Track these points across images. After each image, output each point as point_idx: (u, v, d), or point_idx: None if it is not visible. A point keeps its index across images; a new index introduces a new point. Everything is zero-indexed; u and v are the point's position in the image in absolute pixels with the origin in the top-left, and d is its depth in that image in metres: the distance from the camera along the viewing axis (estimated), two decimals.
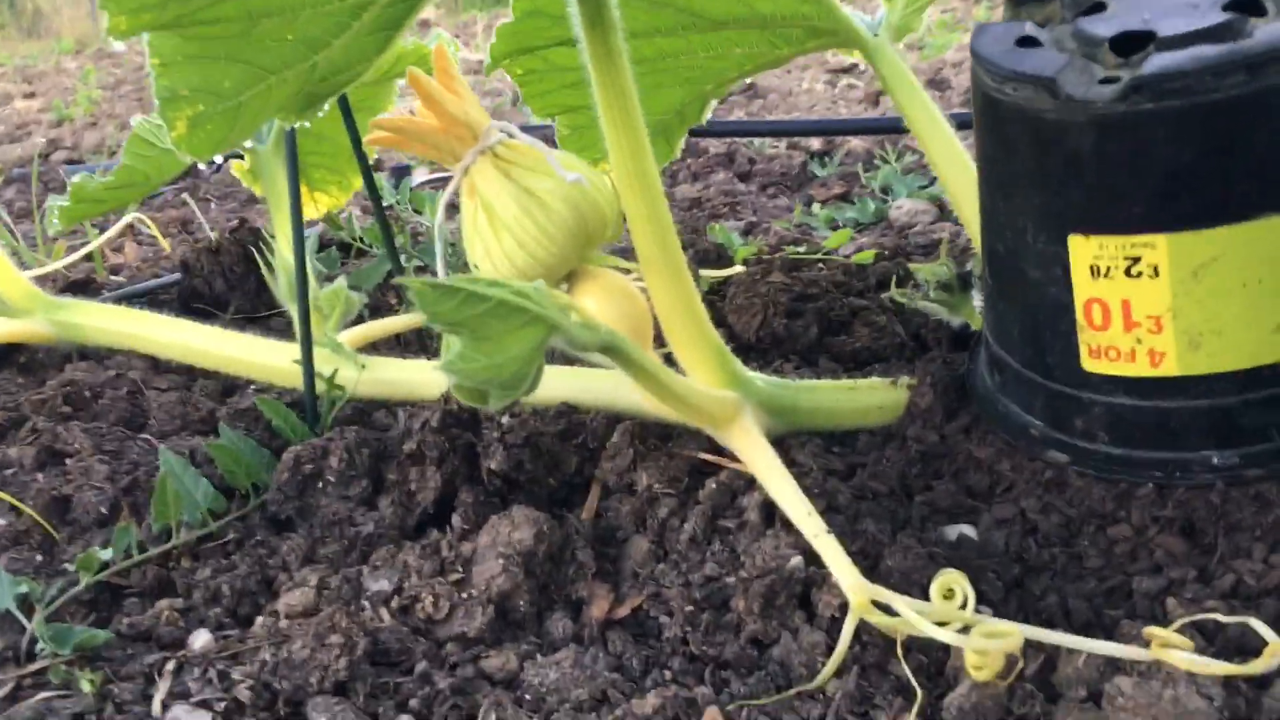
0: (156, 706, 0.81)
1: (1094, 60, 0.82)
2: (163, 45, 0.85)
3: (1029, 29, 0.88)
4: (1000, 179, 0.89)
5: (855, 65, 4.27)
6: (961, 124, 1.14)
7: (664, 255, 0.96)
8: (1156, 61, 0.77)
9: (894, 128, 2.56)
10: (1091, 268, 0.83)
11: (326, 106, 1.03)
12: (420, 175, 2.47)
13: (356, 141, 1.25)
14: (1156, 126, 0.77)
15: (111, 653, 0.87)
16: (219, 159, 1.69)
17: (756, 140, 2.78)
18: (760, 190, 2.39)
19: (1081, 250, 0.83)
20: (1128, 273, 0.82)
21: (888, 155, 2.41)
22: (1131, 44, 0.81)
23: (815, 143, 2.74)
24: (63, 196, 1.35)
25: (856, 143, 2.70)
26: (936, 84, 3.38)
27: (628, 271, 1.02)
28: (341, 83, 0.98)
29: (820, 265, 1.46)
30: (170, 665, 0.86)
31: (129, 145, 1.29)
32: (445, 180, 2.78)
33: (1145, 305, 0.82)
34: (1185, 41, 0.78)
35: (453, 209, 1.07)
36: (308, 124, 1.04)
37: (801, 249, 1.63)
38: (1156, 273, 0.81)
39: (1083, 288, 0.85)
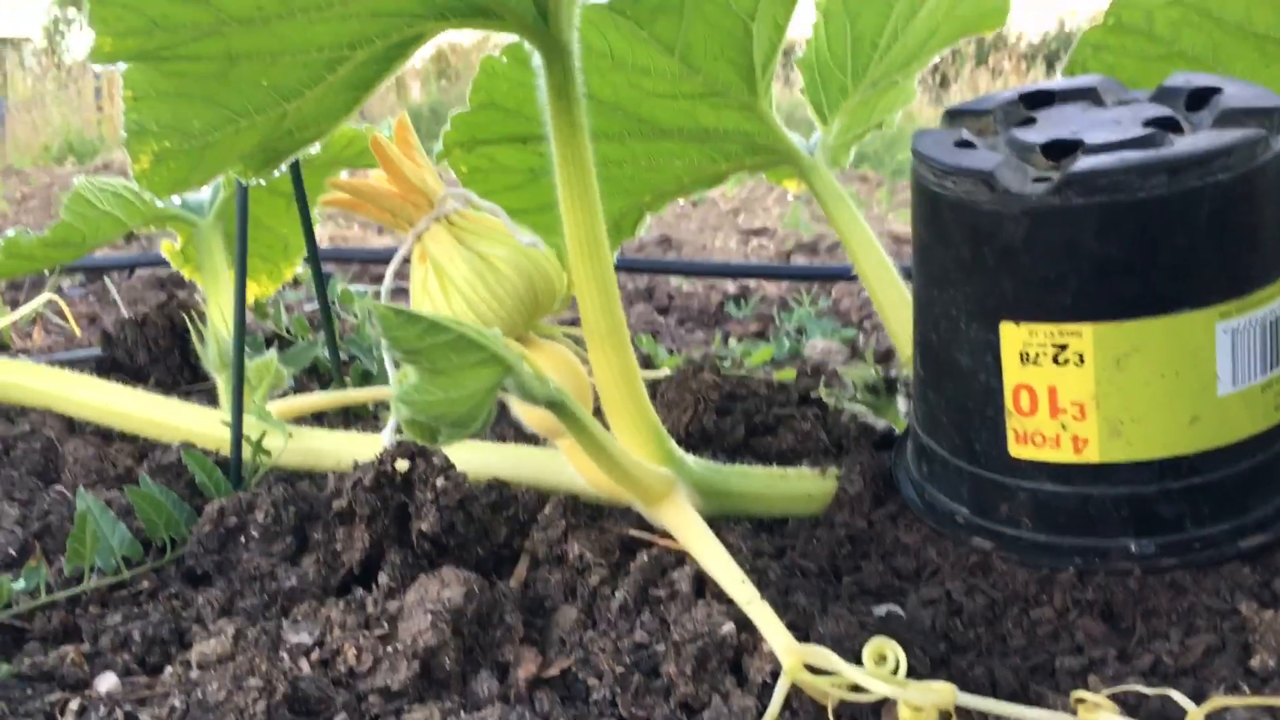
0: None
1: (1027, 162, 0.89)
2: (138, 78, 0.86)
3: (965, 135, 0.95)
4: (936, 270, 0.94)
5: (765, 228, 4.45)
6: None
7: (610, 327, 0.99)
8: (1086, 162, 0.83)
9: (806, 275, 2.68)
10: (1021, 354, 0.88)
11: (283, 166, 1.05)
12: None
13: (305, 213, 1.26)
14: (1085, 220, 0.83)
15: (9, 690, 0.83)
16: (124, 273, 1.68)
17: (674, 279, 2.86)
18: (679, 324, 2.45)
19: (1012, 337, 0.88)
20: (1055, 359, 0.86)
21: (801, 299, 2.50)
22: (1061, 151, 0.88)
23: (731, 287, 2.83)
24: None
25: (771, 289, 2.79)
26: None
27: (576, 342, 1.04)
28: (305, 139, 1.01)
29: (745, 376, 1.49)
30: (73, 704, 0.81)
31: (70, 204, 1.28)
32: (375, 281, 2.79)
33: (1070, 392, 0.87)
34: (1112, 148, 0.84)
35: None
36: (263, 182, 1.05)
37: (726, 362, 1.67)
38: (1082, 360, 0.86)
39: (1012, 374, 0.89)
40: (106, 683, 0.85)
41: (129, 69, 0.86)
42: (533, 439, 1.20)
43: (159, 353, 1.50)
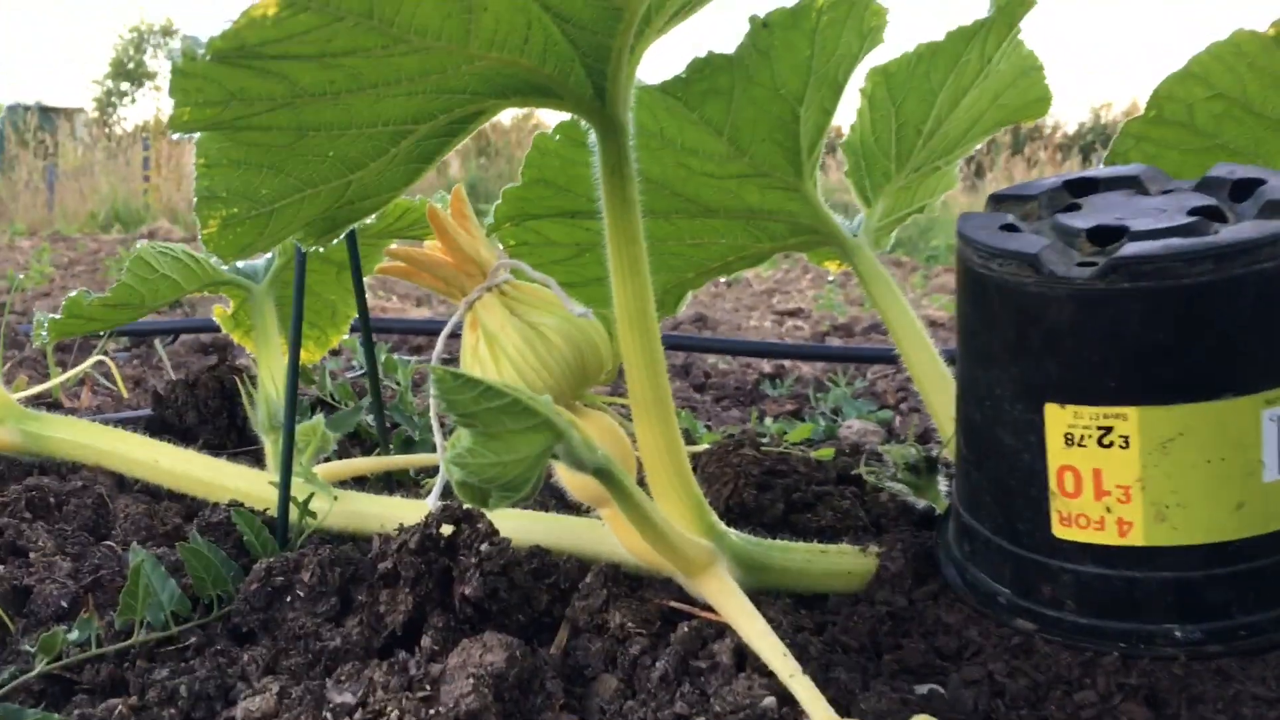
0: None
1: (1072, 247, 0.90)
2: (211, 147, 0.90)
3: (1010, 219, 0.97)
4: (981, 351, 0.95)
5: (800, 309, 4.48)
6: None
7: (656, 399, 1.00)
8: (1132, 248, 0.85)
9: (844, 356, 2.70)
10: (1066, 436, 0.89)
11: (341, 235, 1.08)
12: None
13: (359, 282, 1.29)
14: (1131, 305, 0.84)
15: None
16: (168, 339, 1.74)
17: (710, 357, 2.89)
18: (715, 401, 2.47)
19: (1057, 419, 0.89)
20: (1100, 442, 0.87)
21: (838, 380, 2.51)
22: (1106, 236, 0.90)
23: (766, 366, 2.85)
24: (53, 312, 1.36)
25: (806, 369, 2.81)
26: None
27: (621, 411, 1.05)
28: (365, 209, 1.04)
29: (784, 453, 1.50)
30: None
31: (131, 265, 1.32)
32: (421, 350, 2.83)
33: (1116, 475, 0.87)
34: (1157, 235, 0.86)
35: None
36: (320, 249, 1.08)
37: (765, 440, 1.67)
38: (1127, 443, 0.86)
39: (1056, 455, 0.90)
40: None
41: (203, 138, 0.89)
42: (574, 508, 1.22)
43: (208, 414, 1.53)
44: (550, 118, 1.24)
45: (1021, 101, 1.33)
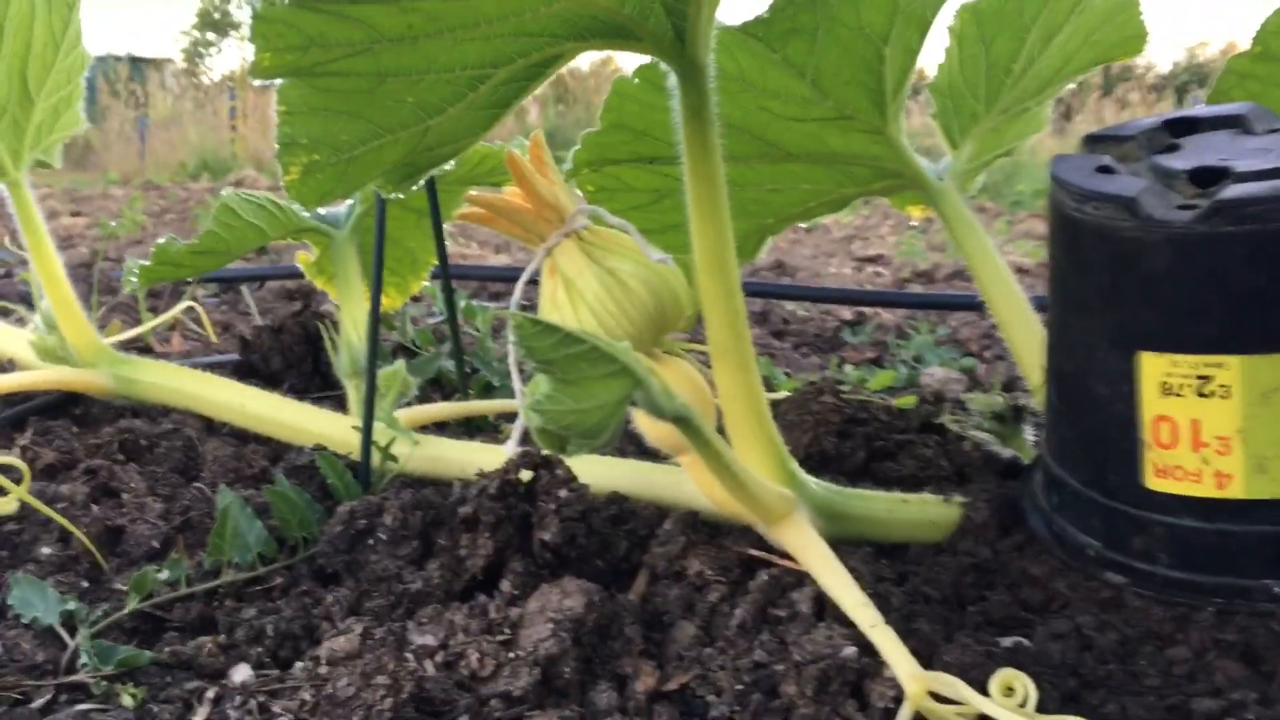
0: None
1: (1171, 189, 0.87)
2: (291, 94, 0.90)
3: (1106, 160, 0.93)
4: (1074, 298, 0.92)
5: (880, 256, 4.41)
6: None
7: (736, 346, 0.99)
8: (1235, 190, 0.81)
9: (926, 303, 2.65)
10: (1162, 385, 0.86)
11: (421, 182, 1.08)
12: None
13: (439, 229, 1.29)
14: (1234, 249, 0.81)
15: (151, 677, 0.86)
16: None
17: (789, 304, 2.85)
18: (794, 348, 2.44)
19: (1152, 368, 0.86)
20: (1199, 392, 0.84)
21: (919, 327, 2.47)
22: (1208, 178, 0.86)
23: (846, 313, 2.81)
24: (144, 259, 1.39)
25: (887, 316, 2.76)
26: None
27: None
28: (444, 155, 1.03)
29: (865, 400, 1.48)
30: (210, 693, 0.84)
31: (216, 213, 1.34)
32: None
33: (1215, 425, 0.84)
34: (1262, 176, 0.82)
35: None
36: (400, 196, 1.08)
37: (845, 387, 1.65)
38: (1228, 393, 0.83)
39: (1151, 405, 0.87)
40: (241, 674, 0.88)
41: (284, 85, 0.89)
42: (652, 455, 1.21)
43: (293, 359, 1.56)
44: (629, 62, 1.22)
45: (1116, 39, 1.27)
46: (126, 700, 0.81)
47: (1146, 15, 1.27)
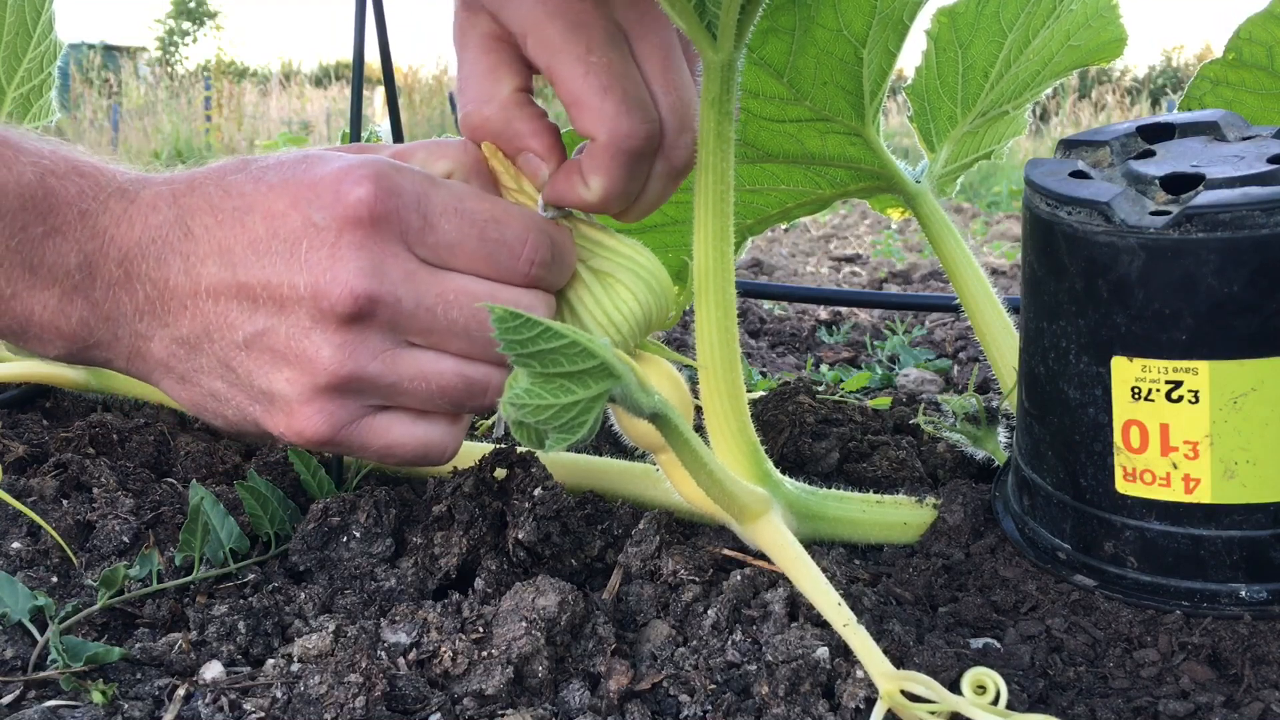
0: None
1: (1145, 195, 0.88)
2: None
3: (1080, 165, 0.94)
4: (1047, 302, 0.93)
5: (858, 255, 4.42)
6: None
7: (724, 341, 0.99)
8: (1208, 196, 0.82)
9: (902, 304, 2.66)
10: (1133, 390, 0.86)
11: None
12: None
13: None
14: (1206, 255, 0.81)
15: (121, 674, 0.86)
16: None
17: (766, 303, 2.86)
18: (770, 348, 2.45)
19: (1124, 372, 0.87)
20: (1168, 396, 0.85)
21: (895, 328, 2.48)
22: (1181, 185, 0.87)
23: (823, 313, 2.82)
24: None
25: (864, 316, 2.78)
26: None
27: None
28: None
29: (840, 401, 1.49)
30: (181, 690, 0.84)
31: None
32: None
33: (1184, 430, 0.85)
34: (1235, 183, 0.83)
35: None
36: None
37: (821, 388, 1.66)
38: (1197, 398, 0.84)
39: (1122, 409, 0.88)
40: (212, 671, 0.87)
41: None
42: (628, 453, 1.22)
43: None
44: None
45: (1095, 43, 1.29)
46: (96, 697, 0.80)
47: (1125, 16, 1.27)
